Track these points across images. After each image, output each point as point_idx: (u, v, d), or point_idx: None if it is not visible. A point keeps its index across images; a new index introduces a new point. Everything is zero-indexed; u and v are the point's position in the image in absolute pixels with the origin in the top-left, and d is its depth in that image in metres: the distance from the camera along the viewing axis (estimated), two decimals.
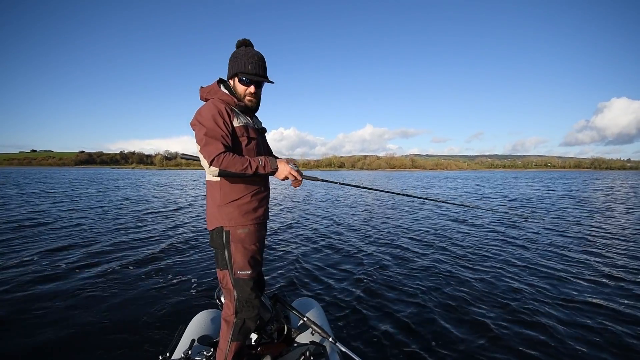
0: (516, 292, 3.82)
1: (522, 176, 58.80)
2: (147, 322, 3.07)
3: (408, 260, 5.15)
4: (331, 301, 3.61)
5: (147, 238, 6.56)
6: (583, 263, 4.95)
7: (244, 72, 1.65)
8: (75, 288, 3.85)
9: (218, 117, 1.56)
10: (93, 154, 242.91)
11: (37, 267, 4.56)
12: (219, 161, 1.46)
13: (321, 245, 6.16)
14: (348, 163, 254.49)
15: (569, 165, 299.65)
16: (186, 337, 1.98)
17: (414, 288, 3.99)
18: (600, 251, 5.65)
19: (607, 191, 20.46)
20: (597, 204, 13.28)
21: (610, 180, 36.27)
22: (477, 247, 5.97)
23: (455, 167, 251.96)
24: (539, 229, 7.70)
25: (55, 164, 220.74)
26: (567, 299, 3.63)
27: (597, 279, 4.24)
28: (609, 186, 25.90)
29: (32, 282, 3.99)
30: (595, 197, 16.15)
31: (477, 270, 4.61)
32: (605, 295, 3.73)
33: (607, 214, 10.37)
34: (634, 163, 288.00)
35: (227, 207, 1.64)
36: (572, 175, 63.51)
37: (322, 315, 2.25)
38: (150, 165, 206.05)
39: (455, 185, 27.85)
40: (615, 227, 7.96)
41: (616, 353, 2.64)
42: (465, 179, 44.32)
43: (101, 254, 5.33)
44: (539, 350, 2.68)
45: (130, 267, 4.63)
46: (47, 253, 5.31)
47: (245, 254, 1.65)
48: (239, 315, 1.68)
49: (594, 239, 6.66)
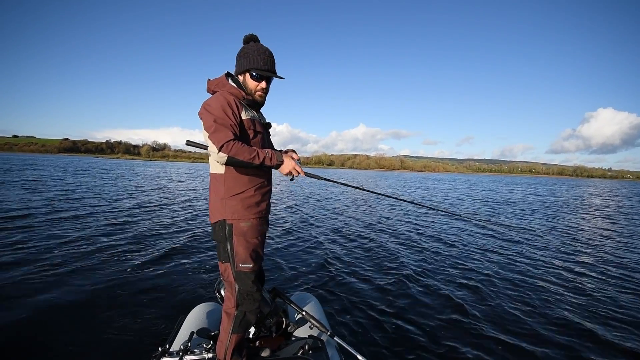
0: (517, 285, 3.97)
1: (503, 181, 60.23)
2: (146, 314, 3.07)
3: (404, 257, 5.25)
4: (328, 296, 3.68)
5: (143, 231, 6.46)
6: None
7: (256, 68, 1.64)
8: (71, 280, 3.79)
9: (227, 107, 1.56)
10: (78, 141, 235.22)
11: (31, 257, 4.46)
12: (229, 148, 1.46)
13: (318, 241, 6.21)
14: (338, 161, 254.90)
15: (552, 172, 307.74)
16: (185, 329, 1.97)
17: (410, 283, 4.10)
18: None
19: (574, 199, 21.13)
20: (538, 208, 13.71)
21: (584, 189, 37.43)
22: (466, 249, 6.11)
23: (443, 169, 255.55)
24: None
25: (37, 151, 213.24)
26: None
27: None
28: (578, 194, 26.76)
29: (29, 273, 3.92)
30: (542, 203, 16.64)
31: (468, 269, 4.73)
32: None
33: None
34: (614, 172, 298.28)
35: (231, 200, 1.64)
36: (550, 182, 65.52)
37: (320, 309, 2.28)
38: (136, 156, 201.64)
39: (442, 188, 28.29)
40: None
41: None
42: (443, 181, 44.99)
43: (98, 246, 5.22)
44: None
45: (127, 260, 4.56)
46: (37, 243, 5.18)
47: (247, 247, 1.66)
48: (240, 307, 1.69)
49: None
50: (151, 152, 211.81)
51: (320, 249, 5.74)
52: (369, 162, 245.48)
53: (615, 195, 26.65)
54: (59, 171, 24.91)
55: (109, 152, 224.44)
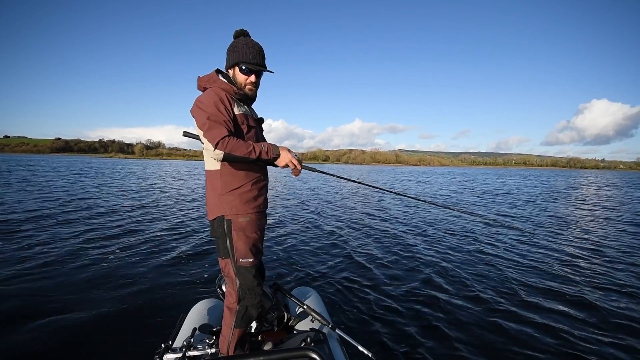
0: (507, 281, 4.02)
1: (492, 173, 60.61)
2: (148, 311, 3.08)
3: (404, 251, 5.30)
4: (329, 289, 3.71)
5: (142, 230, 6.43)
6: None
7: (245, 62, 1.63)
8: (74, 277, 3.81)
9: (220, 103, 1.56)
10: (70, 141, 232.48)
11: (35, 254, 4.48)
12: (224, 144, 1.46)
13: (317, 235, 6.24)
14: (333, 157, 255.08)
15: (546, 164, 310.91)
16: (187, 326, 1.98)
17: (409, 274, 4.16)
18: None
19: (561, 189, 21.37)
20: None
21: (572, 179, 37.50)
22: (460, 240, 6.18)
23: (438, 163, 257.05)
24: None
25: (29, 151, 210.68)
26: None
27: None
28: (569, 185, 27.04)
29: (32, 270, 3.94)
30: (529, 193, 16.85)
31: (468, 262, 4.78)
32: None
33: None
34: (607, 163, 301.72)
35: (228, 196, 1.65)
36: (542, 173, 65.97)
37: (321, 303, 2.30)
38: (129, 155, 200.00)
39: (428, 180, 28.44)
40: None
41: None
42: (434, 174, 45.21)
43: (99, 243, 5.24)
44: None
45: (128, 259, 4.55)
46: (40, 241, 5.17)
47: (247, 242, 1.67)
48: (242, 302, 1.70)
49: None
50: (145, 151, 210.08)
51: (319, 242, 5.77)
52: (364, 157, 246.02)
53: (606, 185, 26.96)
54: (56, 171, 24.62)
55: (102, 151, 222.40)
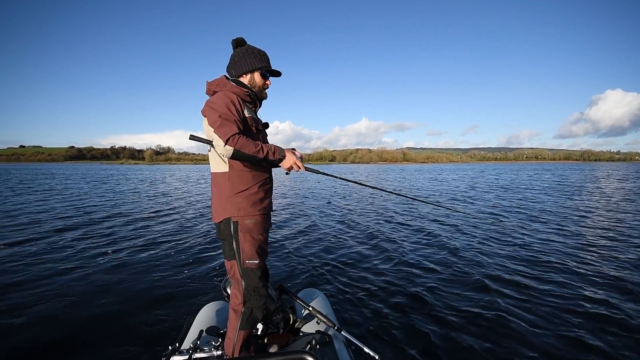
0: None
1: (499, 168, 59.68)
2: (156, 314, 3.13)
3: (410, 250, 5.26)
4: (335, 291, 3.70)
5: (150, 234, 6.53)
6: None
7: (267, 67, 1.78)
8: (83, 279, 3.91)
9: (231, 104, 1.60)
10: (83, 149, 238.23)
11: (44, 252, 4.67)
12: (234, 141, 1.49)
13: (322, 237, 6.24)
14: (339, 157, 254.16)
15: (559, 158, 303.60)
16: (194, 328, 2.01)
17: (417, 276, 4.11)
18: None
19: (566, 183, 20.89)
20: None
21: (587, 172, 36.43)
22: (469, 240, 6.09)
23: (446, 160, 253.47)
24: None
25: (44, 160, 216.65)
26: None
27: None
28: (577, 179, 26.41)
29: (41, 269, 4.09)
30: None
31: (471, 261, 4.72)
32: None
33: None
34: (622, 155, 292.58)
35: (236, 198, 1.67)
36: (554, 167, 64.61)
37: (327, 305, 2.29)
38: (140, 160, 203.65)
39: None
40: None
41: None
42: (449, 172, 44.65)
43: (108, 246, 5.39)
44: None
45: (136, 264, 4.62)
46: (49, 240, 5.31)
47: (254, 244, 1.69)
48: (247, 304, 1.72)
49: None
50: (154, 156, 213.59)
51: (325, 244, 5.77)
52: (371, 155, 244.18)
53: (619, 178, 26.26)
54: (79, 180, 25.15)
55: (114, 157, 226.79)
